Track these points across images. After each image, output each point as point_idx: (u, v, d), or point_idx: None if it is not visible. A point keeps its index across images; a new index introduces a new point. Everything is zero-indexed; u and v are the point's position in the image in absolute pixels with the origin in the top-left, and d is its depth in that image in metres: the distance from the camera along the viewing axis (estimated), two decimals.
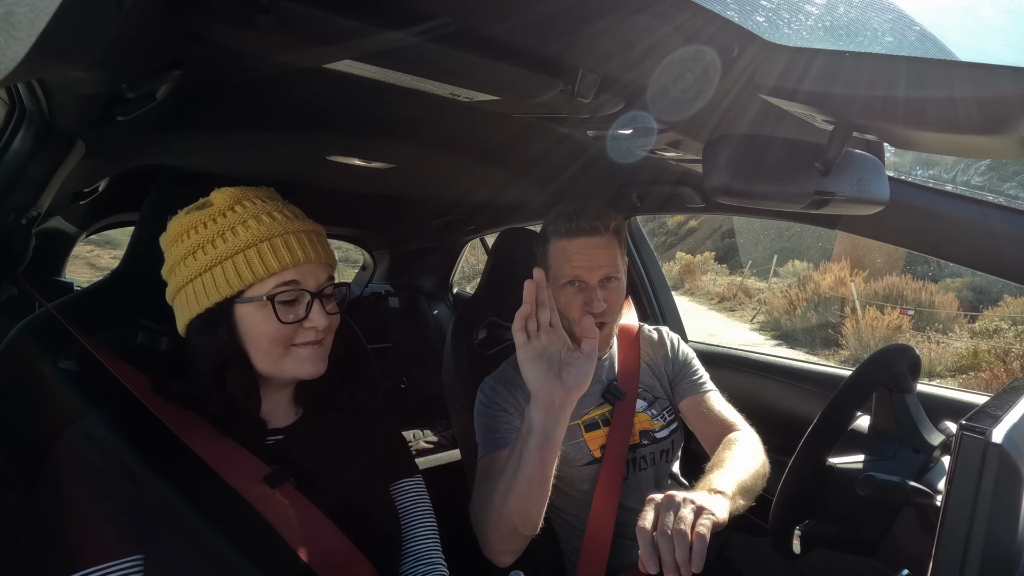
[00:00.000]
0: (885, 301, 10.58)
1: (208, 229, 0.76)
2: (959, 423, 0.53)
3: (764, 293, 15.03)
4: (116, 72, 0.69)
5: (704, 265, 20.26)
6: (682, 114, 0.87)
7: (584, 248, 1.12)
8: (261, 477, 0.76)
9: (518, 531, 0.92)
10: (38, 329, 0.90)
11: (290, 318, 0.76)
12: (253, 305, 0.75)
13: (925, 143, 0.76)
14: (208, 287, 0.75)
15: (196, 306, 0.76)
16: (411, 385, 3.09)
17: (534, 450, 0.86)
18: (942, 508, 0.51)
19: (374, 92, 0.89)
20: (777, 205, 0.76)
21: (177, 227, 0.78)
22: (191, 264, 0.75)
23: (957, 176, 10.29)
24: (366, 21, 0.64)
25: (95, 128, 0.88)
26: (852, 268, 12.43)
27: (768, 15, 0.64)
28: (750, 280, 17.46)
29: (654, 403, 1.27)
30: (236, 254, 0.74)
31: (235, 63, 0.85)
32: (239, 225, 0.75)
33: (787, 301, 12.03)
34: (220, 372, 0.77)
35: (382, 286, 3.34)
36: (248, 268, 0.74)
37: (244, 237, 0.74)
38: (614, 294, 1.14)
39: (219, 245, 0.74)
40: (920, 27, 0.66)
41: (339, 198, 2.13)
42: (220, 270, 0.74)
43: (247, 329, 0.77)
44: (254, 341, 0.77)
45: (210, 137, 1.28)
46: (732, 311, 14.63)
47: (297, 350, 0.79)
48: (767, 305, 13.17)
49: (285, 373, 0.80)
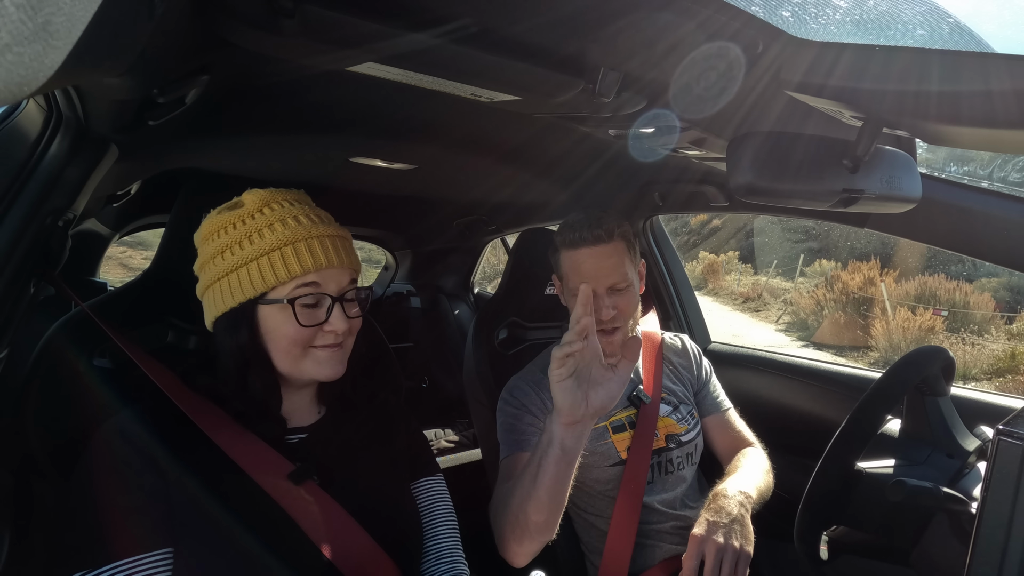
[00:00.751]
0: (917, 301, 10.25)
1: (237, 230, 0.78)
2: (995, 428, 0.51)
3: (789, 293, 14.71)
4: (148, 78, 0.71)
5: (728, 265, 19.93)
6: (705, 112, 0.86)
7: (589, 257, 1.12)
8: (285, 474, 0.77)
9: (534, 536, 0.93)
10: (74, 328, 0.94)
11: (310, 321, 0.78)
12: (275, 307, 0.77)
13: (960, 139, 0.74)
14: (234, 287, 0.77)
15: (222, 304, 0.78)
16: (432, 384, 3.11)
17: (552, 462, 0.86)
18: (978, 515, 0.49)
19: (396, 94, 0.90)
20: (804, 204, 0.74)
21: (209, 226, 0.80)
22: (220, 263, 0.78)
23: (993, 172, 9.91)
24: (388, 24, 0.65)
25: (128, 133, 0.90)
26: (882, 267, 12.16)
27: (794, 10, 0.62)
28: (775, 280, 17.14)
29: (678, 407, 1.29)
30: (260, 257, 0.76)
31: (261, 67, 0.87)
32: (266, 228, 0.77)
33: (814, 301, 11.74)
34: (243, 370, 0.79)
35: (404, 286, 3.37)
36: (271, 271, 0.76)
37: (269, 240, 0.76)
38: (624, 299, 1.14)
39: (246, 247, 0.76)
40: (954, 19, 0.64)
41: (361, 199, 2.16)
42: (245, 271, 0.76)
43: (269, 330, 0.78)
44: (275, 342, 0.79)
45: (237, 140, 1.31)
46: (757, 311, 14.41)
47: (316, 352, 0.80)
48: (793, 305, 12.87)
49: (304, 374, 0.81)
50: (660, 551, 1.18)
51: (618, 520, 1.14)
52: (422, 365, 3.14)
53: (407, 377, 2.46)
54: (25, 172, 0.78)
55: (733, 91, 0.77)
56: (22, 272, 0.80)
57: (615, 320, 1.13)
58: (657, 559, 1.17)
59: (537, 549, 0.97)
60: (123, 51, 0.52)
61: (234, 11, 0.61)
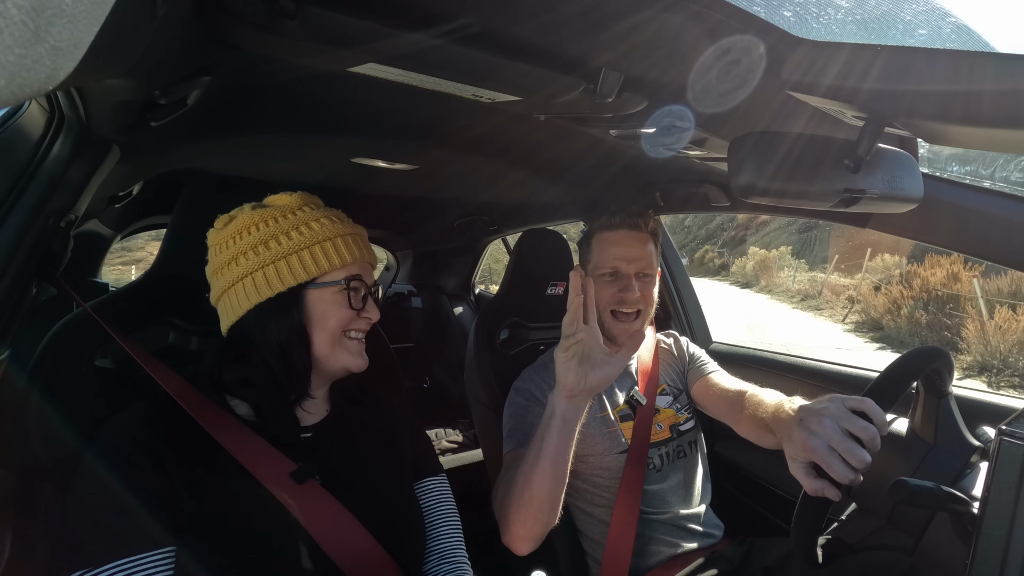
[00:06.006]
0: (1013, 299, 9.01)
1: (279, 223, 0.81)
2: (997, 428, 0.51)
3: (850, 290, 13.95)
4: (149, 79, 0.71)
5: (780, 260, 19.06)
6: (712, 110, 0.86)
7: (624, 239, 1.23)
8: (288, 473, 0.77)
9: (538, 516, 0.94)
10: (76, 328, 0.94)
11: (356, 305, 0.85)
12: (328, 290, 0.83)
13: (961, 138, 0.74)
14: (282, 273, 0.80)
15: (267, 290, 0.80)
16: (433, 385, 3.11)
17: (555, 432, 0.91)
18: (979, 515, 0.49)
19: (397, 94, 0.90)
20: (805, 204, 0.74)
21: (245, 221, 0.82)
22: (262, 253, 0.80)
23: (996, 172, 9.71)
24: (390, 24, 0.65)
25: (130, 134, 0.90)
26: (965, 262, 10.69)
27: (796, 10, 0.62)
28: (833, 276, 16.27)
29: (678, 397, 1.35)
30: (313, 245, 0.81)
31: (262, 68, 0.87)
32: (313, 222, 0.83)
33: (888, 299, 10.79)
34: (287, 352, 0.81)
35: (405, 286, 3.37)
36: (324, 258, 0.82)
37: (319, 231, 0.82)
38: (648, 288, 1.23)
39: (294, 237, 0.81)
40: (955, 18, 0.63)
41: (363, 199, 2.16)
42: (296, 258, 0.80)
43: (319, 312, 0.83)
44: (323, 322, 0.83)
45: (239, 141, 1.31)
46: (819, 310, 13.65)
47: (348, 342, 0.86)
48: (861, 303, 12.12)
49: (338, 361, 0.85)
50: (663, 543, 1.20)
51: (621, 509, 1.17)
52: (423, 365, 3.14)
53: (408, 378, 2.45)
54: (27, 173, 0.78)
55: (741, 92, 0.76)
56: (24, 273, 0.80)
57: (639, 303, 1.21)
58: (660, 552, 1.19)
59: (541, 535, 0.97)
60: (125, 52, 0.52)
61: (236, 12, 0.61)
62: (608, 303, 1.22)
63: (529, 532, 0.96)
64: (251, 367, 0.81)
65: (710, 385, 1.30)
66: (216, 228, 0.85)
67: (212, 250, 0.84)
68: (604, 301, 1.21)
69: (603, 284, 1.22)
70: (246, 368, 0.81)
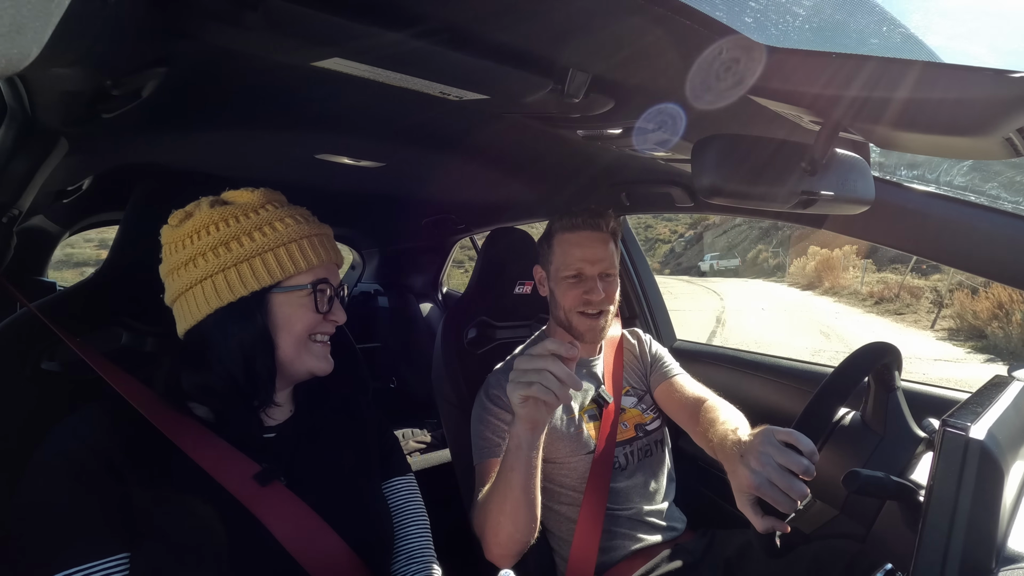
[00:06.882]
0: None
1: (241, 223, 0.77)
2: (942, 420, 0.54)
3: (927, 292, 12.68)
4: (100, 68, 0.68)
5: (845, 260, 17.28)
6: None
7: (587, 240, 1.24)
8: (251, 476, 0.75)
9: (520, 538, 0.96)
10: (19, 329, 0.89)
11: (322, 309, 0.82)
12: (293, 294, 0.80)
13: (910, 144, 0.77)
14: (245, 276, 0.76)
15: (228, 294, 0.76)
16: (400, 385, 3.08)
17: (524, 462, 0.91)
18: (925, 502, 0.51)
19: (364, 90, 0.89)
20: (765, 205, 0.77)
21: (201, 220, 0.77)
22: (222, 255, 0.76)
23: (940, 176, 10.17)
24: (355, 19, 0.64)
25: (79, 125, 0.86)
26: None
27: (756, 16, 0.64)
28: (907, 276, 15.02)
29: (643, 397, 1.37)
30: (277, 247, 0.78)
31: (223, 60, 0.84)
32: (276, 222, 0.79)
33: (992, 304, 9.41)
34: (250, 358, 0.78)
35: (371, 285, 3.32)
36: (289, 261, 0.78)
37: (284, 233, 0.79)
38: (611, 287, 1.25)
39: (256, 238, 0.77)
40: (904, 29, 0.66)
41: (328, 197, 2.12)
42: (259, 261, 0.77)
43: (283, 316, 0.80)
44: (288, 327, 0.80)
45: (197, 135, 1.27)
46: (899, 314, 12.14)
47: (313, 345, 0.84)
48: (954, 307, 10.61)
49: (303, 364, 0.83)
50: (627, 538, 1.22)
51: (587, 507, 1.19)
52: (390, 365, 3.11)
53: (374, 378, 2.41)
54: None
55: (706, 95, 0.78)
56: None
57: (603, 303, 1.23)
58: (624, 546, 1.21)
59: (521, 551, 0.99)
60: (74, 40, 0.50)
61: (195, 2, 0.59)
62: (574, 305, 1.25)
63: (509, 551, 0.98)
64: (211, 374, 0.77)
65: (672, 390, 1.33)
66: (171, 225, 0.80)
67: (167, 248, 0.80)
68: (569, 303, 1.25)
69: (567, 286, 1.25)
70: (205, 375, 0.78)
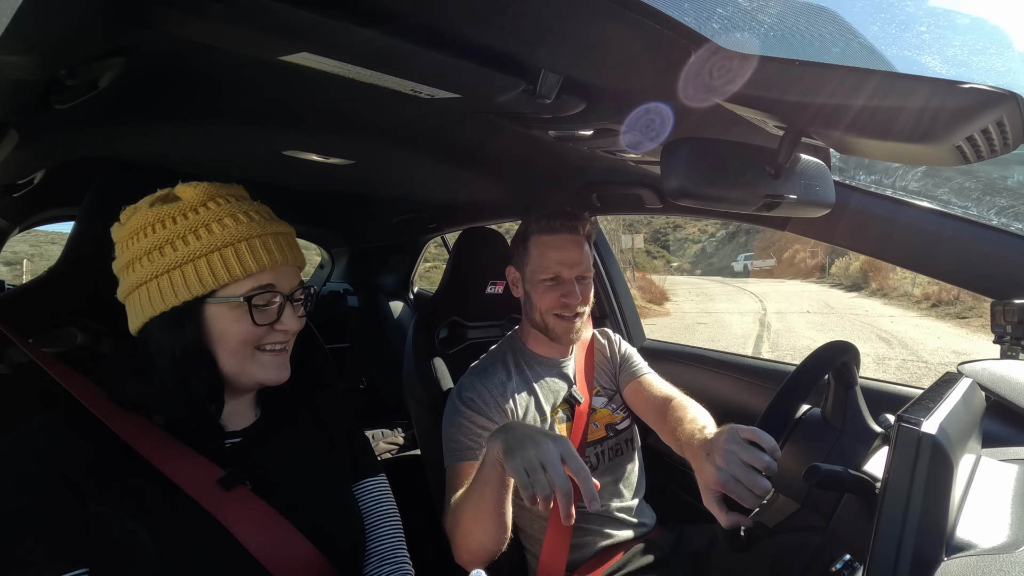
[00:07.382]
0: None
1: (177, 225, 0.72)
2: (897, 415, 0.56)
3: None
4: (53, 57, 0.65)
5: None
6: None
7: (564, 243, 1.24)
8: (215, 480, 0.73)
9: (486, 547, 0.95)
10: None
11: (263, 320, 0.75)
12: (226, 305, 0.73)
13: (868, 150, 0.80)
14: (176, 285, 0.71)
15: (160, 304, 0.72)
16: (371, 386, 3.04)
17: (497, 476, 0.88)
18: (880, 494, 0.53)
19: (333, 86, 0.87)
20: (731, 207, 0.79)
21: (140, 220, 0.73)
22: (156, 260, 0.71)
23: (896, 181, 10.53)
24: (324, 13, 0.63)
25: (30, 116, 0.83)
26: None
27: (723, 22, 0.66)
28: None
29: (613, 397, 1.38)
30: (211, 252, 0.71)
31: (186, 52, 0.82)
32: (214, 223, 0.72)
33: None
34: (184, 373, 0.73)
35: (340, 285, 3.27)
36: (224, 268, 0.71)
37: (220, 236, 0.72)
38: (587, 289, 1.27)
39: (191, 242, 0.71)
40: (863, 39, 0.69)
41: (296, 194, 2.08)
42: (192, 268, 0.71)
43: (218, 329, 0.74)
44: (224, 341, 0.74)
45: (158, 129, 1.23)
46: (961, 318, 10.75)
47: (262, 356, 0.78)
48: None
49: (250, 377, 0.78)
50: (598, 535, 1.23)
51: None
52: (360, 366, 3.07)
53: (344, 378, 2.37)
54: None
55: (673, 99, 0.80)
56: None
57: (579, 306, 1.25)
58: (594, 543, 1.22)
59: (491, 559, 0.98)
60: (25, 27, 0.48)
61: None
62: (551, 307, 1.25)
63: (479, 559, 0.97)
64: (149, 384, 0.74)
65: (640, 389, 1.34)
66: (120, 222, 0.76)
67: (116, 247, 0.76)
68: (546, 305, 1.25)
69: (544, 288, 1.25)
70: (145, 384, 0.74)
